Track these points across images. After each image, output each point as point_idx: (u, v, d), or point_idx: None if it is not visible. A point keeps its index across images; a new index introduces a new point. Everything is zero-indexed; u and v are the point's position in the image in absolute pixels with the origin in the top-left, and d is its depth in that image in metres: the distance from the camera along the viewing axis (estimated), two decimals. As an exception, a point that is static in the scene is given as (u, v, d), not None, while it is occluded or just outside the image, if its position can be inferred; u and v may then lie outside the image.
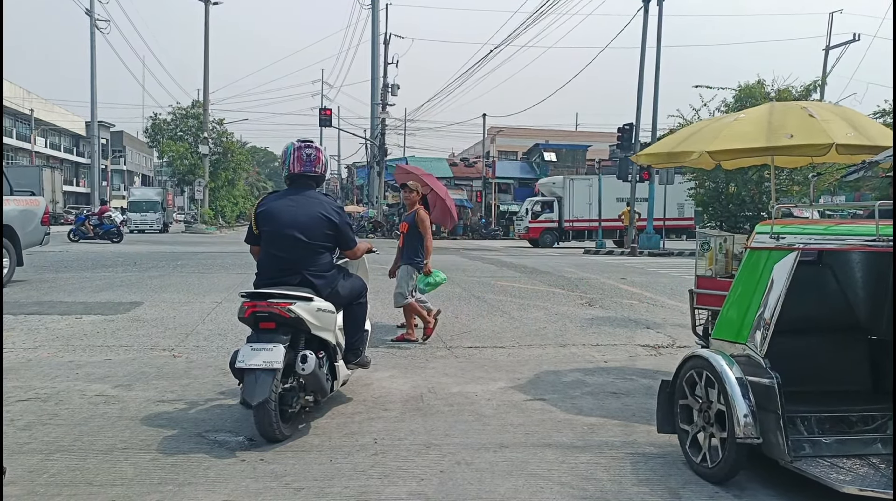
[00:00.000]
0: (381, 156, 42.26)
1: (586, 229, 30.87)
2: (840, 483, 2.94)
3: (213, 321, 7.96)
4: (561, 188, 31.73)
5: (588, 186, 31.24)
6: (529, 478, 3.39)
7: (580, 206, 31.06)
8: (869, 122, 5.37)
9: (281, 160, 4.40)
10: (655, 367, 6.08)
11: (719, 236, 5.52)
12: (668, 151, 5.49)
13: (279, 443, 3.78)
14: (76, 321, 7.73)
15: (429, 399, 4.84)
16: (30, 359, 5.86)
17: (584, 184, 31.70)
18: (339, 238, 4.33)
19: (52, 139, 64.21)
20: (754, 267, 3.46)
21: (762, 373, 3.22)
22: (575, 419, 4.45)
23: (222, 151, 48.01)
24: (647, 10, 25.93)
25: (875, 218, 3.01)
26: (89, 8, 38.36)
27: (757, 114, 5.30)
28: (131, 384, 5.07)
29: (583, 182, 31.93)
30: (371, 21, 41.53)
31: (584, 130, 63.55)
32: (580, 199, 31.13)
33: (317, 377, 3.94)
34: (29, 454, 3.58)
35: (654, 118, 26.38)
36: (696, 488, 3.30)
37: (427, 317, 7.07)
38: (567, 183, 31.76)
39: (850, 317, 3.93)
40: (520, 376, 5.61)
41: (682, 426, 3.65)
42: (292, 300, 3.89)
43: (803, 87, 18.84)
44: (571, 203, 31.15)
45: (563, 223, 31.23)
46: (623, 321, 8.70)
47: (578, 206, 31.13)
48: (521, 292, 11.61)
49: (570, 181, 31.89)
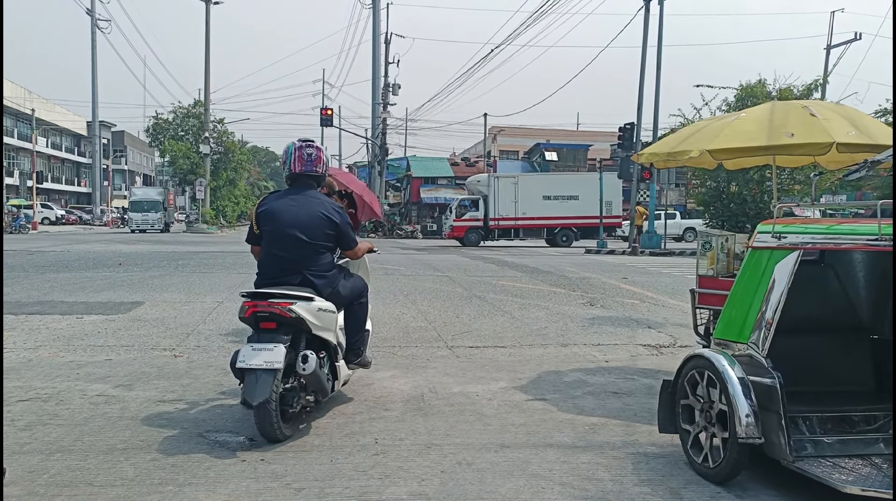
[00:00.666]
0: (383, 156, 42.29)
1: (512, 227, 30.42)
2: (842, 483, 2.93)
3: (214, 320, 7.95)
4: (486, 187, 31.04)
5: (513, 184, 30.75)
6: (531, 478, 3.38)
7: (506, 204, 30.37)
8: (870, 120, 5.36)
9: (282, 160, 4.39)
10: (657, 367, 6.07)
11: (721, 236, 5.51)
12: (669, 150, 5.47)
13: (280, 443, 3.77)
14: (77, 321, 7.73)
15: (430, 399, 4.84)
16: (31, 359, 5.86)
17: (509, 182, 31.03)
18: (340, 238, 4.32)
19: (53, 139, 64.27)
20: (756, 267, 3.45)
21: (764, 373, 3.21)
22: (576, 418, 4.44)
23: (223, 151, 48.06)
24: (648, 10, 25.91)
25: (877, 217, 3.00)
26: (90, 7, 38.37)
27: (758, 113, 5.29)
28: (132, 384, 5.07)
29: (508, 180, 31.34)
30: (372, 20, 41.56)
31: (585, 129, 63.52)
32: (505, 197, 30.43)
33: (317, 377, 3.93)
34: (29, 454, 3.57)
35: (656, 118, 26.38)
36: (697, 488, 3.29)
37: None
38: (492, 181, 31.09)
39: (852, 317, 3.91)
40: (521, 375, 5.61)
41: (683, 426, 3.64)
42: (293, 300, 3.89)
43: (804, 86, 18.84)
44: (497, 202, 30.39)
45: (488, 222, 30.58)
46: (624, 320, 8.69)
47: (504, 204, 30.40)
48: (522, 291, 11.60)
49: (494, 179, 31.22)
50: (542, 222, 29.89)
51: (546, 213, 29.88)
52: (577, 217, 29.83)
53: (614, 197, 30.58)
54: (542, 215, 29.84)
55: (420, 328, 7.84)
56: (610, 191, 29.95)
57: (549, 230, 30.09)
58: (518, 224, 30.25)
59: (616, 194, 30.85)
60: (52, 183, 62.66)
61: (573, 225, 29.97)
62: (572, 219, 29.85)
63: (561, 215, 29.87)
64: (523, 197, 30.03)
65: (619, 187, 31.03)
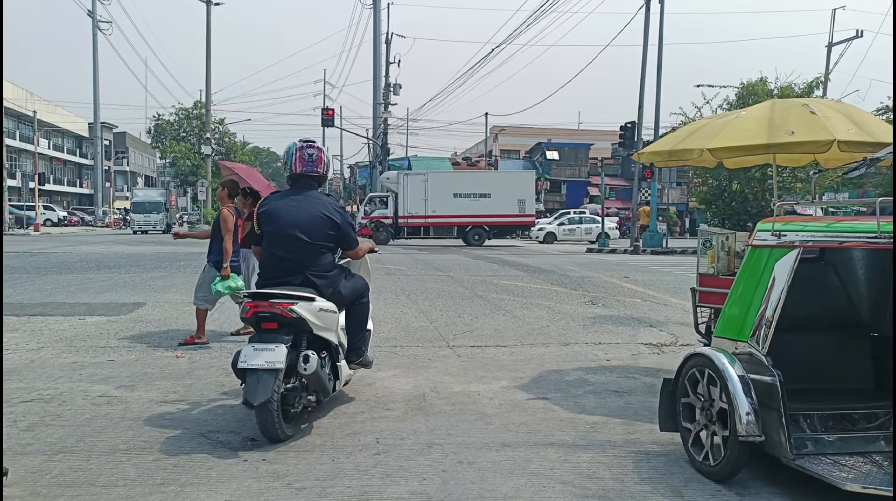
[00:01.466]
0: (384, 156, 42.25)
1: (422, 225, 29.72)
2: (843, 481, 2.93)
3: (216, 321, 7.96)
4: (395, 184, 30.37)
5: (423, 181, 29.97)
6: (532, 477, 3.38)
7: (416, 202, 29.62)
8: (871, 118, 5.35)
9: (283, 160, 4.40)
10: (658, 365, 6.07)
11: (721, 234, 5.51)
12: (670, 149, 5.48)
13: (281, 443, 3.78)
14: (79, 322, 7.75)
15: (431, 399, 4.84)
16: (33, 360, 5.88)
17: (418, 179, 30.20)
18: (341, 238, 4.33)
19: (55, 141, 64.32)
20: (756, 265, 3.45)
21: (764, 371, 3.21)
22: (577, 417, 4.44)
23: (225, 152, 48.12)
24: (649, 8, 25.90)
25: (876, 215, 3.00)
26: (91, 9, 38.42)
27: (758, 111, 5.29)
28: (134, 385, 5.08)
29: (417, 177, 30.50)
30: (373, 20, 41.53)
31: (586, 128, 63.55)
32: (415, 194, 29.69)
33: (319, 377, 3.94)
34: (32, 455, 3.59)
35: (657, 116, 26.37)
36: (698, 486, 3.30)
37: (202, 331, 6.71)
38: (401, 178, 30.31)
39: (852, 314, 3.92)
40: (522, 375, 5.61)
41: (684, 424, 3.64)
42: (294, 301, 3.90)
43: (806, 84, 18.84)
44: (406, 199, 29.64)
45: (398, 220, 29.89)
46: (626, 319, 8.69)
47: (414, 202, 29.63)
48: (523, 290, 11.61)
49: (404, 176, 30.43)
50: (454, 221, 29.31)
51: (457, 211, 29.23)
52: (489, 216, 29.25)
53: (527, 195, 30.04)
54: (453, 214, 29.20)
55: (421, 327, 7.85)
56: (522, 189, 29.64)
57: (460, 229, 29.46)
58: (428, 222, 29.52)
59: (529, 193, 30.31)
60: (54, 184, 62.78)
61: (485, 224, 29.37)
62: (484, 217, 29.25)
63: (472, 214, 29.23)
64: (433, 195, 29.32)
65: (531, 186, 30.60)
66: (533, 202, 30.73)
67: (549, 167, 49.67)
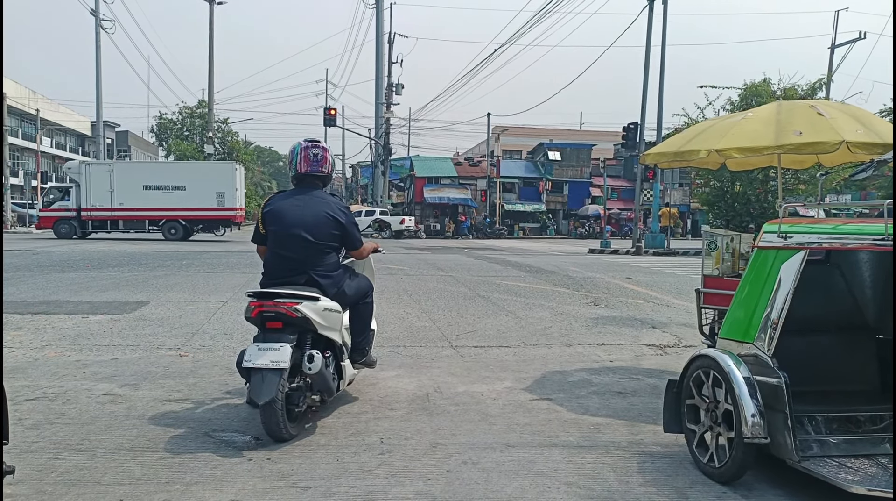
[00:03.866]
0: (386, 155, 42.30)
1: (109, 219, 28.24)
2: (848, 483, 2.92)
3: (220, 320, 7.97)
4: (78, 174, 28.45)
5: (108, 172, 28.41)
6: (536, 478, 3.38)
7: (101, 194, 27.91)
8: (877, 119, 5.34)
9: (288, 160, 4.41)
10: (661, 367, 6.07)
11: (726, 236, 5.51)
12: (676, 150, 5.47)
13: (286, 442, 3.78)
14: (83, 321, 7.75)
15: (435, 399, 4.84)
16: (37, 358, 5.88)
17: (103, 170, 28.66)
18: (346, 238, 4.33)
19: (57, 139, 64.43)
20: (762, 266, 3.44)
21: (770, 373, 3.21)
22: (581, 418, 4.44)
23: (227, 151, 48.11)
24: (652, 9, 25.91)
25: (885, 217, 3.00)
26: (94, 8, 38.40)
27: (765, 112, 5.27)
28: (138, 384, 5.09)
29: (101, 168, 28.98)
30: (375, 20, 41.55)
31: (588, 129, 63.57)
32: (100, 186, 27.93)
33: (323, 376, 3.94)
34: (37, 453, 3.59)
35: (660, 117, 26.37)
36: (703, 488, 3.29)
37: None
38: (83, 169, 28.54)
39: (858, 316, 3.91)
40: (526, 375, 5.61)
41: (688, 425, 3.64)
42: (299, 300, 3.90)
43: (809, 85, 18.80)
44: (90, 191, 27.89)
45: (81, 213, 28.13)
46: (629, 320, 8.69)
47: (99, 194, 27.92)
48: (526, 291, 11.60)
49: (86, 167, 28.74)
50: (144, 214, 28.02)
51: (148, 204, 27.91)
52: (184, 209, 28.03)
53: (227, 188, 28.44)
54: (143, 206, 27.86)
55: (424, 327, 7.85)
56: (221, 182, 28.31)
57: (153, 222, 28.28)
58: (115, 215, 28.08)
59: (229, 185, 28.56)
60: (57, 183, 62.82)
61: (181, 217, 28.18)
62: (179, 211, 28.02)
63: (166, 207, 27.95)
64: (120, 187, 27.83)
65: (232, 178, 28.74)
66: (234, 195, 28.65)
67: (550, 168, 49.66)
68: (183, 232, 28.50)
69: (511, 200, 48.74)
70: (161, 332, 7.20)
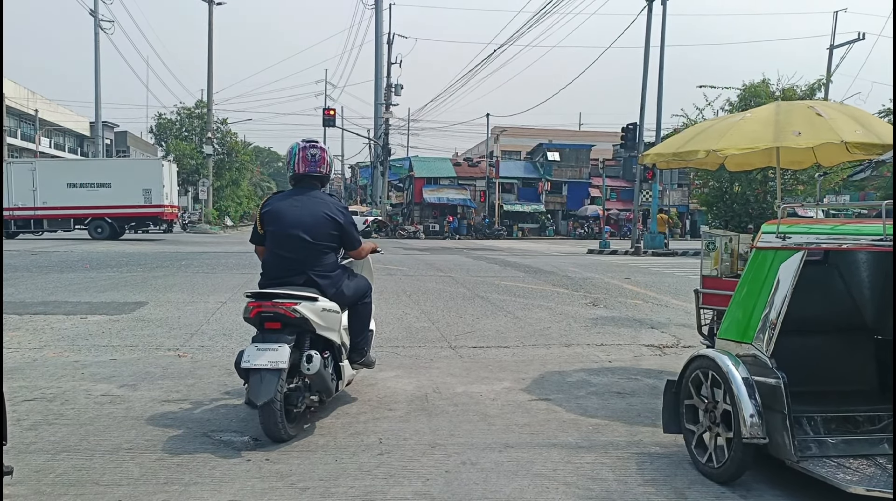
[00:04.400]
0: (385, 156, 42.31)
1: (32, 218, 27.08)
2: (847, 484, 2.93)
3: (218, 320, 7.97)
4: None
5: (30, 170, 27.42)
6: (535, 478, 3.38)
7: (23, 193, 26.86)
8: (876, 120, 5.34)
9: (286, 160, 4.41)
10: (660, 367, 6.07)
11: (725, 236, 5.51)
12: (675, 150, 5.47)
13: (284, 443, 3.78)
14: (81, 321, 7.75)
15: (434, 399, 4.84)
16: (35, 359, 5.88)
17: (24, 168, 27.65)
18: (344, 238, 4.33)
19: (56, 139, 64.35)
20: (760, 267, 3.44)
21: (768, 373, 3.21)
22: (580, 419, 4.44)
23: (226, 152, 48.11)
24: (651, 10, 25.91)
25: (883, 218, 3.00)
26: (93, 8, 38.35)
27: (764, 113, 5.28)
28: (136, 384, 5.08)
29: (23, 166, 27.95)
30: (374, 21, 41.57)
31: (587, 129, 63.58)
32: (22, 185, 26.87)
33: (322, 376, 3.94)
34: (35, 453, 3.59)
35: (658, 118, 26.38)
36: (701, 488, 3.30)
37: None
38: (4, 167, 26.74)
39: (856, 317, 3.91)
40: (524, 376, 5.61)
41: (687, 426, 3.64)
42: (297, 300, 3.90)
43: (808, 86, 18.79)
44: (11, 190, 26.80)
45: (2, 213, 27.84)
46: (627, 320, 8.69)
47: (21, 193, 26.85)
48: (524, 291, 11.60)
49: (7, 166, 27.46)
50: (69, 213, 27.04)
51: (72, 202, 26.96)
52: (110, 207, 27.17)
53: (153, 185, 27.55)
54: (67, 205, 26.93)
55: (423, 328, 7.85)
56: (147, 179, 27.51)
57: (78, 221, 27.27)
58: (39, 215, 27.06)
59: (156, 182, 27.65)
60: (56, 183, 62.76)
61: (107, 215, 27.27)
62: (104, 208, 27.14)
63: (90, 205, 27.07)
64: (43, 185, 26.89)
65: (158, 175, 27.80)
66: (162, 192, 27.82)
67: (550, 168, 49.68)
68: (110, 231, 27.78)
69: (510, 200, 48.75)
70: (160, 332, 7.19)
